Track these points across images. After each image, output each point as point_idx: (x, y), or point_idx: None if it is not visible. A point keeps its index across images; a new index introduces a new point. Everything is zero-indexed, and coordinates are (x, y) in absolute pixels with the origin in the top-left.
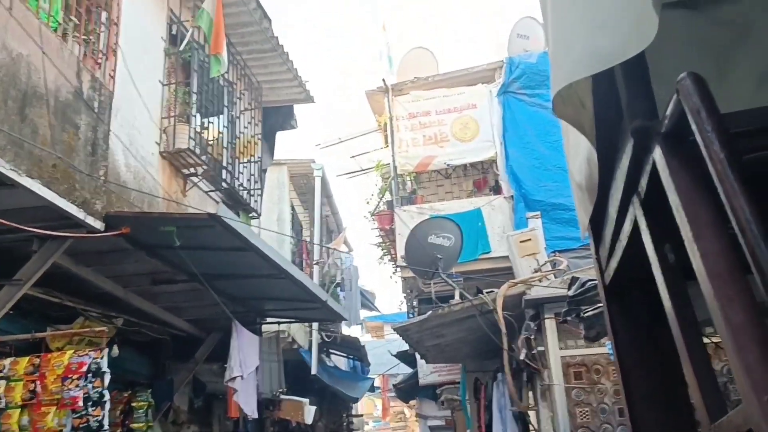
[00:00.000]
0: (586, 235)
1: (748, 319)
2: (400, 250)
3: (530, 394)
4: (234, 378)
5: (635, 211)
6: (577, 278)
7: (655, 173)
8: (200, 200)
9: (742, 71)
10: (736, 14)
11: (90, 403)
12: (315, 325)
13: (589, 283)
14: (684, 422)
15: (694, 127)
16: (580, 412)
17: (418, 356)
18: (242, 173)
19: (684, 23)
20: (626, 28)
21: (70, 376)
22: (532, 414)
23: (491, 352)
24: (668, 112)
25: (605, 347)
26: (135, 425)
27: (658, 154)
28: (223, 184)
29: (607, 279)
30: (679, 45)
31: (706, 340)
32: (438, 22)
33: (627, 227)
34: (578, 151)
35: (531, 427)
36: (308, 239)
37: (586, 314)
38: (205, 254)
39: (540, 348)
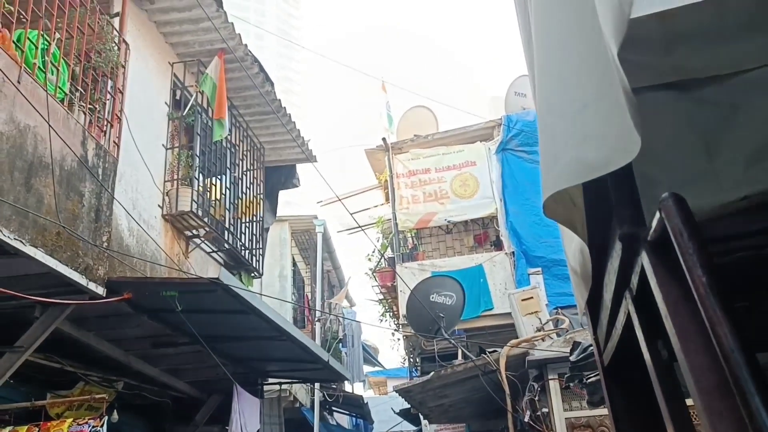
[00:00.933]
0: (584, 318)
1: None
2: (402, 308)
3: None
4: None
5: (628, 305)
6: (579, 343)
7: (644, 274)
8: (202, 261)
9: (731, 151)
10: (722, 96)
11: None
12: (317, 383)
13: (591, 348)
14: None
15: (676, 247)
16: None
17: (421, 415)
18: (244, 233)
19: (672, 104)
20: (611, 142)
21: None
22: None
23: (495, 412)
24: (653, 224)
25: None
26: None
27: (645, 261)
28: (225, 245)
29: (605, 359)
30: (668, 124)
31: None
32: (436, 80)
33: (621, 318)
34: (572, 239)
35: None
36: (310, 295)
37: (589, 380)
38: (207, 317)
39: (544, 409)
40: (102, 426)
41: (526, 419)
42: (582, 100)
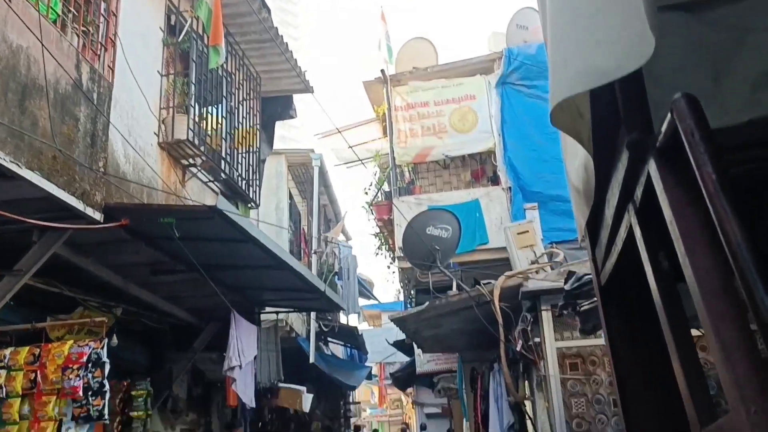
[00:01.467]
0: (583, 236)
1: (739, 334)
2: (398, 241)
3: (526, 384)
4: (232, 368)
5: (630, 218)
6: (574, 272)
7: (649, 185)
8: (199, 191)
9: (738, 74)
10: (732, 17)
11: (90, 393)
12: (313, 314)
13: (585, 277)
14: (675, 415)
15: (687, 148)
16: (576, 402)
17: (415, 345)
18: (241, 164)
19: (681, 26)
20: (623, 46)
21: (70, 366)
22: (528, 404)
23: (488, 342)
24: (663, 128)
25: (601, 339)
26: (134, 414)
27: (652, 168)
28: (222, 175)
29: (603, 279)
30: (676, 47)
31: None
32: (436, 11)
33: (623, 232)
34: (576, 155)
35: (527, 417)
36: (306, 228)
37: (582, 308)
38: (205, 245)
39: (536, 339)
40: (102, 348)
41: (518, 348)
42: (596, 4)
